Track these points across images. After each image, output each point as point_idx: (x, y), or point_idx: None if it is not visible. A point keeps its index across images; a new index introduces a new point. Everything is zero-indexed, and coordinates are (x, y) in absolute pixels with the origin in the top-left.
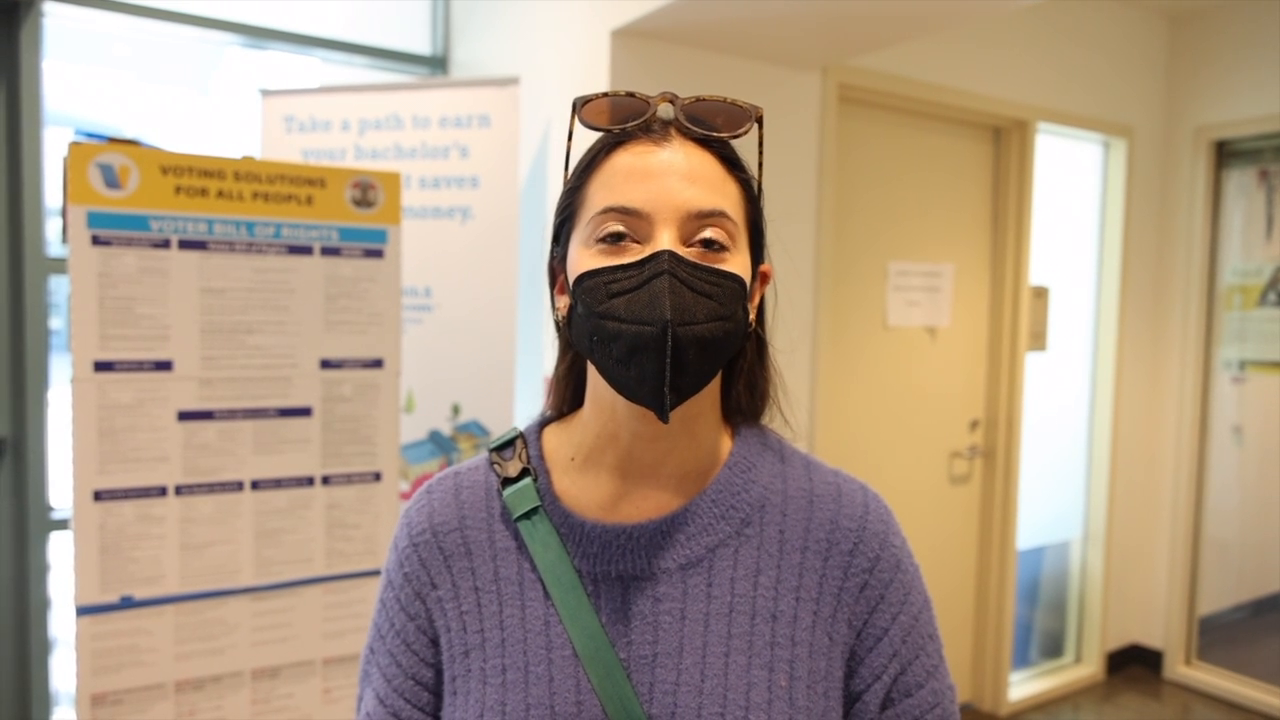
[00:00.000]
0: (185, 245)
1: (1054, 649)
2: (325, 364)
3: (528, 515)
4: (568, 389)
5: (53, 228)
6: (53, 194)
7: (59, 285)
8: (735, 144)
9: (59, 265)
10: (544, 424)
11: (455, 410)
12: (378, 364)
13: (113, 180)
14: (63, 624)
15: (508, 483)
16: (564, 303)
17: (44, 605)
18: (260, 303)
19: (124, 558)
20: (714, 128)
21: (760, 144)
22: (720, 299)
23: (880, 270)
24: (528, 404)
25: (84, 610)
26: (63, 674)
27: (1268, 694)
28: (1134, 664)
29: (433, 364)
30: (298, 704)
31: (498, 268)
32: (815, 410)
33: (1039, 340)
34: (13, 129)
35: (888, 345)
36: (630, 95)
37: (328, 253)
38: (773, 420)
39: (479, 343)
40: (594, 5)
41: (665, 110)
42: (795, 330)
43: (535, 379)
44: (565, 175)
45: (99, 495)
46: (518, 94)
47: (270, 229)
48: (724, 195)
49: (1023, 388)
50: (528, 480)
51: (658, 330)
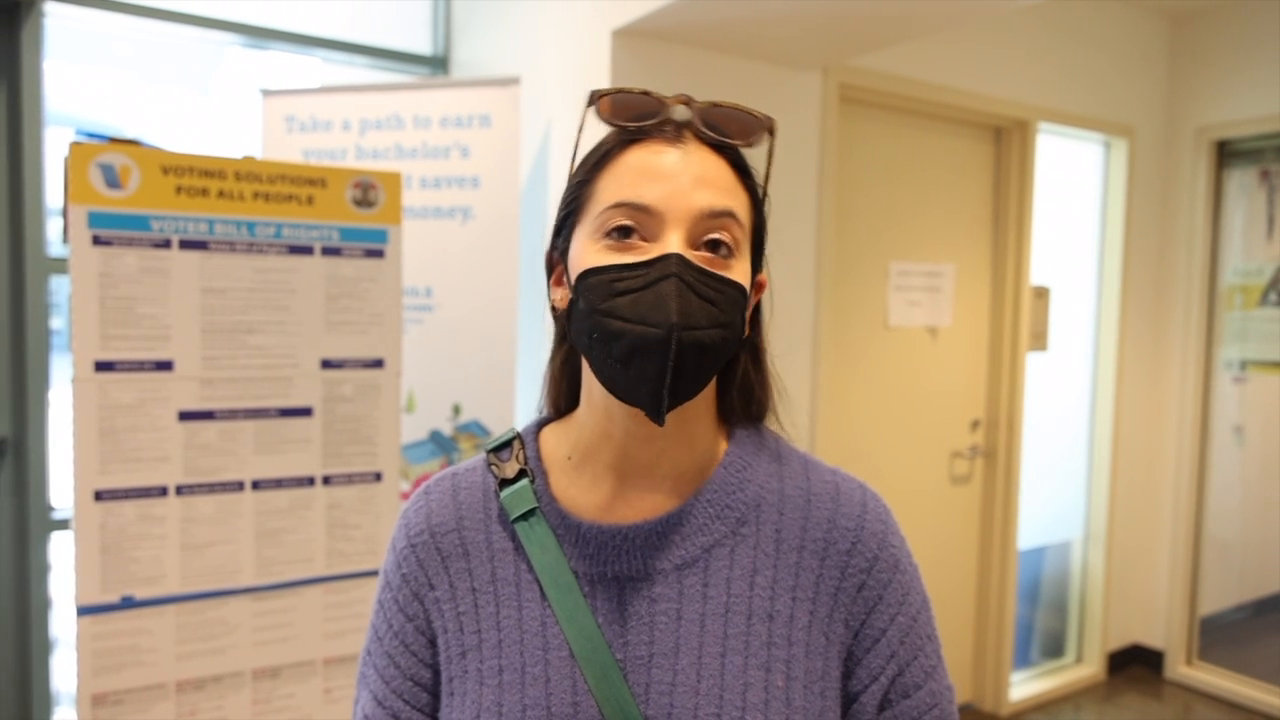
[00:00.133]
0: (186, 245)
1: (1055, 649)
2: (326, 364)
3: (525, 517)
4: (563, 385)
5: (54, 228)
6: (54, 194)
7: (60, 285)
8: (744, 152)
9: (60, 265)
10: (542, 424)
11: (456, 410)
12: (378, 364)
13: (113, 180)
14: (63, 624)
15: (505, 484)
16: (563, 295)
17: (45, 605)
18: (261, 303)
19: (125, 558)
20: (728, 134)
21: (770, 155)
22: (723, 306)
23: (881, 270)
24: (528, 404)
25: (85, 610)
26: (63, 674)
27: (1269, 694)
28: (1135, 664)
29: (433, 364)
30: (299, 704)
31: (498, 268)
32: (816, 410)
33: (1040, 340)
34: (13, 129)
35: (889, 345)
36: (646, 94)
37: (328, 253)
38: (771, 425)
39: (480, 343)
40: (595, 5)
41: (680, 112)
42: (796, 330)
43: (536, 379)
44: (571, 168)
45: (100, 495)
46: (518, 94)
47: (271, 229)
48: (734, 200)
49: (1024, 388)
50: (525, 482)
51: (663, 333)
